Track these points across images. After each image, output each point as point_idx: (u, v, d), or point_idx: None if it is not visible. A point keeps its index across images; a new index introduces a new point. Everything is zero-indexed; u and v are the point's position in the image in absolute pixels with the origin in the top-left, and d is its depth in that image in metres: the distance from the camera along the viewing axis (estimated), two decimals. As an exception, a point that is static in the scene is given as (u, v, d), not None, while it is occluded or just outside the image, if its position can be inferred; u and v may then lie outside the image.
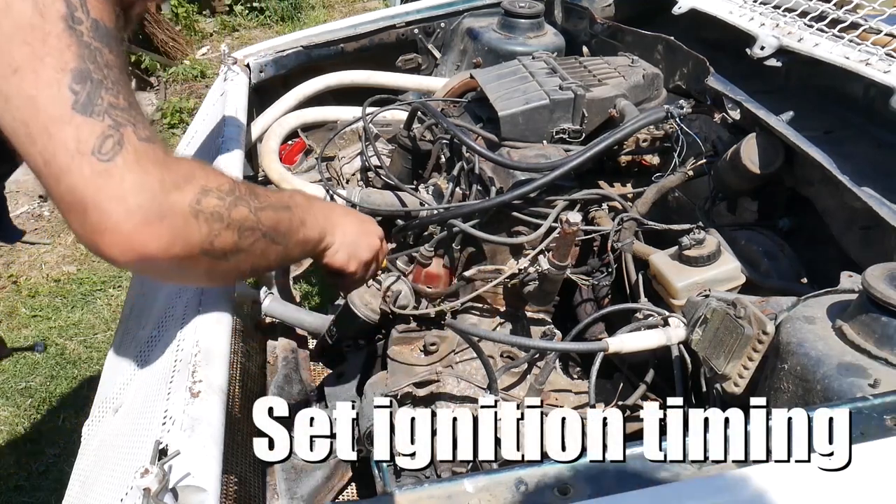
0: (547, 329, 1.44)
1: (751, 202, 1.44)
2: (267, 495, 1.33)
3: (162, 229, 0.82)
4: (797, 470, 0.73)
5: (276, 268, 1.07)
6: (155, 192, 0.82)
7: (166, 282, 0.93)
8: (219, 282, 1.02)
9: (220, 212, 0.89)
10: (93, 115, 0.80)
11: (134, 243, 0.81)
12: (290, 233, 1.04)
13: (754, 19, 1.54)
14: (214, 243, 0.89)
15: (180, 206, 0.85)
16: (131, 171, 0.81)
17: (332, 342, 1.59)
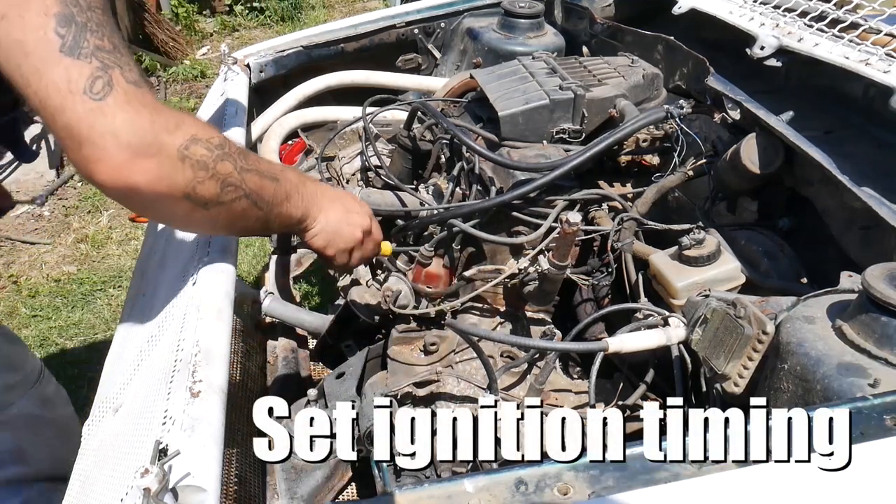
0: (547, 329, 1.44)
1: (751, 202, 1.44)
2: (267, 495, 1.33)
3: (149, 165, 0.88)
4: (797, 470, 0.73)
5: (257, 234, 1.10)
6: (146, 130, 0.87)
7: (148, 217, 0.98)
8: (197, 228, 1.06)
9: (206, 161, 0.94)
10: (80, 56, 0.84)
11: (123, 174, 0.87)
12: (273, 202, 1.07)
13: (754, 19, 1.54)
14: (197, 189, 0.94)
15: (169, 148, 0.90)
16: (122, 111, 0.86)
17: (332, 342, 1.59)
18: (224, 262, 1.16)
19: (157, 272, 1.40)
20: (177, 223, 1.03)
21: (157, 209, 0.96)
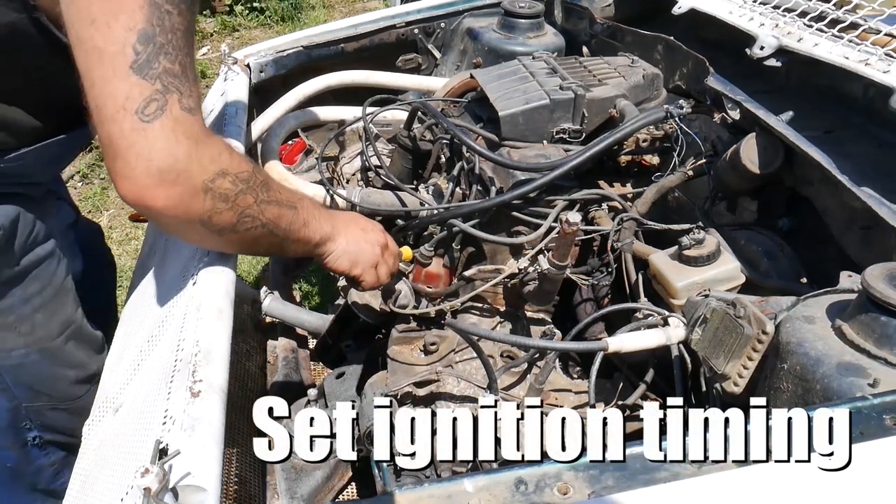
0: (547, 329, 1.44)
1: (750, 202, 1.44)
2: (267, 495, 1.34)
3: (171, 192, 0.92)
4: (797, 470, 0.73)
5: (271, 255, 1.14)
6: (178, 160, 0.92)
7: (163, 228, 1.04)
8: (208, 247, 1.11)
9: (228, 195, 0.98)
10: (146, 77, 0.89)
11: (144, 196, 0.92)
12: (290, 229, 1.11)
13: (754, 19, 1.54)
14: (213, 218, 0.98)
15: (195, 181, 0.94)
16: (164, 137, 0.90)
17: (332, 342, 1.59)
18: (224, 262, 1.16)
19: (157, 272, 1.40)
20: (189, 242, 1.08)
21: (170, 228, 1.01)
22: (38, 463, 1.43)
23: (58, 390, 1.38)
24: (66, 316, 1.36)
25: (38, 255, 1.30)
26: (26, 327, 1.29)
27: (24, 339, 1.30)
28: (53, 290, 1.33)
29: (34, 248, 1.29)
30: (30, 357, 1.31)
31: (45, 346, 1.33)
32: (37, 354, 1.32)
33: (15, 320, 1.28)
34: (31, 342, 1.31)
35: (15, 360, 1.30)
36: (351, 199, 1.54)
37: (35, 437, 1.40)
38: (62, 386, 1.38)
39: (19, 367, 1.31)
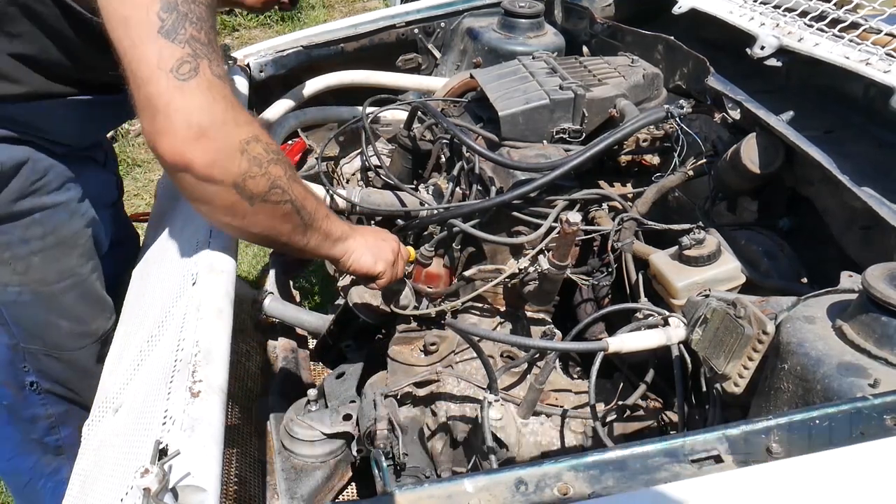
0: (547, 329, 1.44)
1: (751, 202, 1.44)
2: (267, 495, 1.34)
3: (209, 147, 0.95)
4: (797, 470, 0.73)
5: (294, 249, 1.15)
6: (216, 117, 0.96)
7: (193, 202, 1.03)
8: (236, 224, 1.07)
9: (261, 160, 1.01)
10: (175, 41, 0.93)
11: (185, 151, 0.95)
12: (314, 215, 1.13)
13: (754, 19, 1.54)
14: (247, 182, 1.00)
15: (232, 139, 0.98)
16: (201, 95, 0.95)
17: (332, 342, 1.59)
18: (224, 261, 1.16)
19: (157, 272, 1.40)
20: (219, 215, 1.06)
21: (205, 193, 1.00)
22: (34, 410, 1.45)
23: (50, 337, 1.39)
24: (67, 267, 1.37)
25: (43, 201, 1.31)
26: (21, 266, 1.31)
27: (18, 278, 1.31)
28: (56, 240, 1.34)
29: (41, 194, 1.30)
30: (23, 297, 1.33)
31: (39, 290, 1.34)
32: (30, 295, 1.34)
33: (10, 257, 1.29)
34: (26, 282, 1.32)
35: (10, 296, 1.32)
36: (351, 199, 1.54)
37: (33, 383, 1.42)
38: (55, 333, 1.39)
39: (15, 304, 1.33)
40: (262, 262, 3.40)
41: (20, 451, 1.49)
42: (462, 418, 1.26)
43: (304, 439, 1.33)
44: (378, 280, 1.29)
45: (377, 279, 1.29)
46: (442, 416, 1.27)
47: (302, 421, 1.35)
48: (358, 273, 1.27)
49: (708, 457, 0.75)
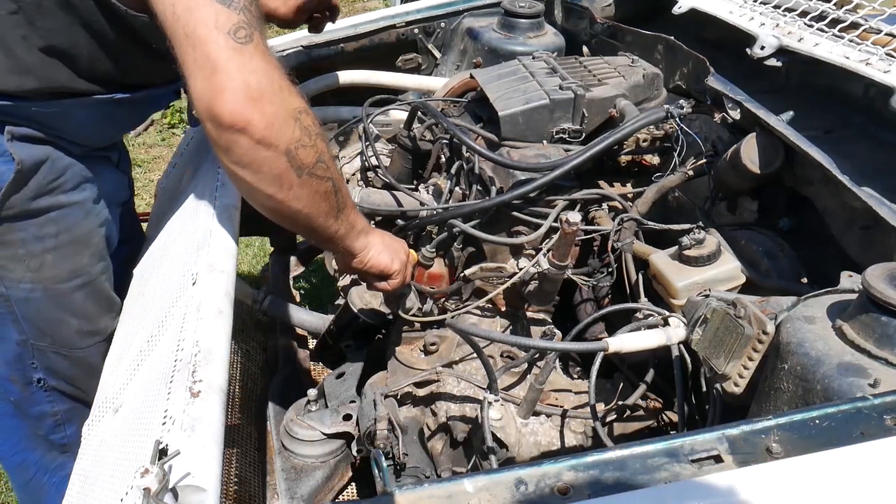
0: (547, 329, 1.44)
1: (751, 202, 1.44)
2: (267, 495, 1.34)
3: (267, 109, 0.98)
4: (797, 470, 0.73)
5: (320, 232, 1.16)
6: (273, 82, 0.99)
7: (242, 169, 1.03)
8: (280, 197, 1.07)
9: (311, 131, 1.04)
10: (230, 7, 0.96)
11: (243, 109, 0.96)
12: (346, 201, 1.15)
13: (754, 19, 1.54)
14: (298, 151, 1.03)
15: (288, 105, 1.01)
16: (260, 59, 0.98)
17: (332, 342, 1.59)
18: (224, 261, 1.16)
19: (157, 272, 1.40)
20: (266, 185, 1.05)
21: (257, 158, 1.01)
22: (41, 407, 1.46)
23: (60, 334, 1.40)
24: (78, 265, 1.38)
25: (60, 200, 1.32)
26: (35, 263, 1.32)
27: (31, 275, 1.32)
28: (69, 238, 1.35)
29: (58, 193, 1.31)
30: (35, 293, 1.34)
31: (50, 287, 1.35)
32: (41, 292, 1.35)
33: (25, 254, 1.30)
34: (38, 279, 1.33)
35: (22, 292, 1.33)
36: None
37: (40, 380, 1.43)
38: (64, 331, 1.40)
39: (26, 301, 1.34)
40: (262, 262, 3.40)
41: (26, 446, 1.51)
42: (462, 418, 1.26)
43: (304, 439, 1.33)
44: (391, 280, 1.29)
45: (391, 278, 1.29)
46: (442, 416, 1.27)
47: (302, 421, 1.35)
48: (373, 270, 1.27)
49: (708, 457, 0.75)
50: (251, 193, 1.08)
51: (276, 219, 1.14)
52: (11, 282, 1.31)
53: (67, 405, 1.47)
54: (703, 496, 0.71)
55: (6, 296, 1.32)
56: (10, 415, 1.46)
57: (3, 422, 1.48)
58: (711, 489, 0.71)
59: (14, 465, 1.55)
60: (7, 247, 1.29)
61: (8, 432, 1.50)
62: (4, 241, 1.28)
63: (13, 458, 1.52)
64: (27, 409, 1.46)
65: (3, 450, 1.52)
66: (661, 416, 1.27)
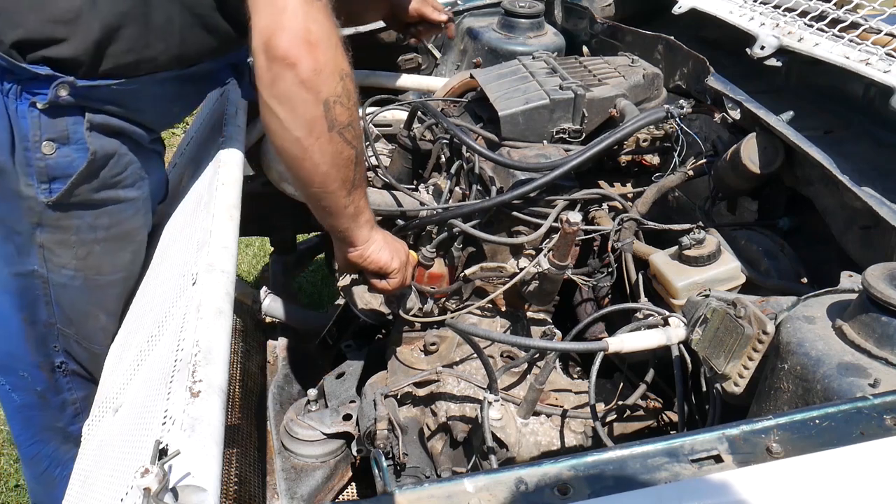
0: (547, 329, 1.44)
1: (751, 202, 1.44)
2: (267, 495, 1.34)
3: (319, 57, 1.06)
4: (797, 469, 0.73)
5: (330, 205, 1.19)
6: (332, 39, 1.07)
7: (281, 103, 1.09)
8: (306, 145, 1.11)
9: (351, 96, 1.11)
10: None
11: (298, 48, 1.04)
12: (361, 182, 1.19)
13: (754, 19, 1.54)
14: (335, 106, 1.09)
15: (338, 62, 1.09)
16: (325, 16, 1.07)
17: (332, 342, 1.59)
18: (224, 261, 1.16)
19: (156, 271, 1.40)
20: (295, 128, 1.10)
21: (297, 97, 1.07)
22: (63, 396, 1.48)
23: (86, 327, 1.42)
24: (121, 261, 1.40)
25: (118, 195, 1.34)
26: (82, 252, 1.34)
27: (76, 262, 1.34)
28: (119, 232, 1.37)
29: (117, 188, 1.33)
30: (75, 281, 1.36)
31: (90, 278, 1.37)
32: (81, 281, 1.36)
33: (76, 241, 1.33)
34: (81, 268, 1.35)
35: (63, 278, 1.35)
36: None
37: (61, 364, 1.45)
38: (91, 325, 1.42)
39: (64, 287, 1.36)
40: (262, 262, 3.41)
41: (41, 438, 1.52)
42: (462, 418, 1.26)
43: (304, 439, 1.33)
44: (390, 279, 1.29)
45: (389, 277, 1.29)
46: (442, 416, 1.27)
47: (302, 421, 1.35)
48: (372, 266, 1.27)
49: (708, 456, 0.75)
50: (281, 133, 1.11)
51: (295, 171, 1.16)
52: (55, 266, 1.33)
53: (84, 392, 1.49)
54: (703, 496, 0.71)
55: (45, 278, 1.34)
56: (32, 406, 1.48)
57: (24, 413, 1.50)
58: (712, 489, 0.71)
59: (28, 456, 1.57)
60: (61, 231, 1.31)
61: (27, 423, 1.52)
62: (60, 226, 1.30)
63: (29, 448, 1.54)
64: (51, 399, 1.47)
65: (21, 440, 1.55)
66: (661, 416, 1.27)
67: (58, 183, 1.26)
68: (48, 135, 1.23)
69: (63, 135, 1.24)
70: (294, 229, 2.25)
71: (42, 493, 1.60)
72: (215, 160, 1.45)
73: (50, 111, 1.21)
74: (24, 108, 1.21)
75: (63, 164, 1.25)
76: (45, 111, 1.21)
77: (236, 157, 1.48)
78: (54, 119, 1.22)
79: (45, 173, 1.24)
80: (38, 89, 1.20)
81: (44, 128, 1.22)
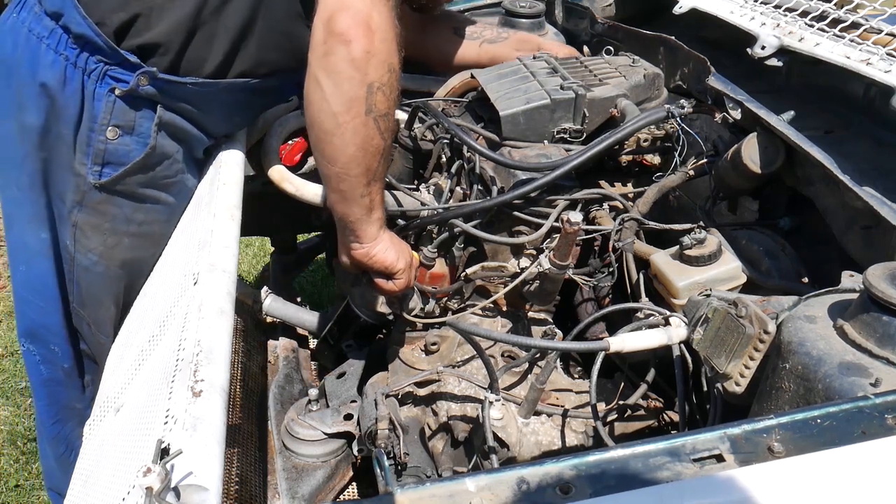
0: (548, 328, 1.44)
1: (752, 202, 1.44)
2: (268, 495, 1.33)
3: (375, 43, 1.10)
4: (799, 469, 0.73)
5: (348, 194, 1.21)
6: (388, 32, 1.12)
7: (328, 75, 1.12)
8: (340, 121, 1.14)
9: (393, 88, 1.14)
10: None
11: (357, 28, 1.08)
12: (381, 177, 1.21)
13: (755, 19, 1.54)
14: (378, 92, 1.12)
15: (390, 54, 1.13)
16: (390, 11, 1.11)
17: (332, 342, 1.59)
18: (225, 261, 1.16)
19: (157, 272, 1.40)
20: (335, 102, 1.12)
21: (344, 72, 1.10)
22: (85, 377, 1.51)
23: (97, 315, 1.44)
24: (141, 260, 1.42)
25: (160, 196, 1.37)
26: (112, 241, 1.37)
27: (102, 249, 1.37)
28: (150, 231, 1.40)
29: (162, 189, 1.37)
30: (98, 267, 1.39)
31: (112, 268, 1.40)
32: (103, 268, 1.39)
33: (109, 229, 1.36)
34: (107, 255, 1.38)
35: (87, 262, 1.38)
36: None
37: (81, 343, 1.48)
38: (102, 313, 1.44)
39: (86, 270, 1.38)
40: (263, 262, 3.41)
41: (62, 417, 1.55)
42: (463, 418, 1.26)
43: (305, 439, 1.33)
44: (396, 279, 1.30)
45: (395, 277, 1.29)
46: (443, 416, 1.27)
47: (303, 421, 1.35)
48: (378, 266, 1.27)
49: (710, 456, 0.75)
50: (320, 105, 1.14)
51: (323, 146, 1.18)
52: (83, 248, 1.36)
53: (91, 377, 1.51)
54: (704, 495, 0.71)
55: (73, 257, 1.37)
56: (57, 381, 1.51)
57: (50, 388, 1.52)
58: (713, 488, 0.72)
59: (50, 436, 1.59)
60: (98, 216, 1.34)
61: (52, 399, 1.54)
62: (99, 210, 1.33)
63: (52, 427, 1.57)
64: (74, 378, 1.50)
65: (44, 417, 1.57)
66: (663, 415, 1.27)
67: (109, 168, 1.29)
68: (116, 121, 1.26)
69: (130, 124, 1.27)
70: (294, 229, 2.25)
71: (61, 477, 1.62)
72: (216, 160, 1.46)
73: (126, 99, 1.25)
74: (101, 91, 1.24)
75: (121, 152, 1.28)
76: (122, 97, 1.25)
77: (237, 157, 1.48)
78: (126, 107, 1.26)
79: (101, 156, 1.28)
80: (122, 75, 1.24)
81: (115, 113, 1.26)
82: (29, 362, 1.52)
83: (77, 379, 1.50)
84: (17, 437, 2.63)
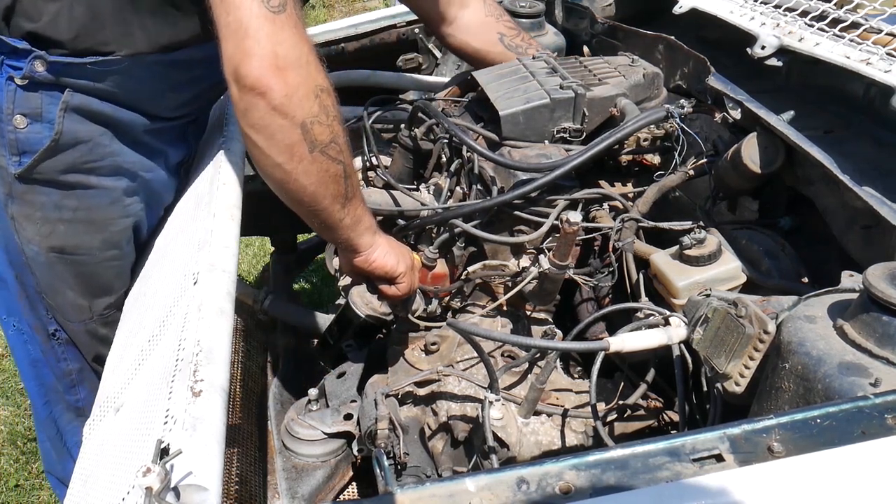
0: (548, 328, 1.44)
1: (751, 201, 1.44)
2: (268, 495, 1.34)
3: (290, 80, 1.02)
4: (799, 469, 0.73)
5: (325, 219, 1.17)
6: (301, 56, 1.03)
7: (257, 133, 1.06)
8: (288, 168, 1.09)
9: (329, 111, 1.07)
10: None
11: (266, 75, 1.01)
12: (354, 192, 1.16)
13: (755, 19, 1.54)
14: (314, 127, 1.06)
15: (312, 80, 1.04)
16: (291, 29, 1.02)
17: (332, 342, 1.59)
18: (225, 261, 1.16)
19: (157, 271, 1.40)
20: (276, 153, 1.08)
21: (271, 125, 1.04)
22: (60, 364, 1.51)
23: (58, 301, 1.44)
24: (84, 245, 1.41)
25: (89, 181, 1.35)
26: (45, 229, 1.36)
27: (39, 239, 1.36)
28: (86, 217, 1.38)
29: (89, 174, 1.34)
30: (39, 257, 1.39)
31: (51, 256, 1.39)
32: (44, 258, 1.39)
33: (40, 217, 1.35)
34: (44, 245, 1.37)
35: (31, 252, 1.38)
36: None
37: (55, 332, 1.47)
38: (61, 300, 1.44)
39: (33, 260, 1.39)
40: (262, 262, 3.41)
41: (51, 399, 1.55)
42: (463, 418, 1.26)
43: (304, 439, 1.33)
44: (398, 283, 1.29)
45: (397, 281, 1.28)
46: (443, 416, 1.27)
47: (303, 420, 1.35)
48: (378, 271, 1.26)
49: (709, 456, 0.75)
50: (262, 160, 1.10)
51: (282, 193, 1.15)
52: (24, 239, 1.36)
53: (78, 364, 1.51)
54: (704, 495, 0.71)
55: (22, 249, 1.37)
56: (42, 363, 1.51)
57: (38, 369, 1.53)
58: (713, 488, 0.72)
59: (42, 417, 1.59)
60: (26, 206, 1.33)
61: (40, 380, 1.54)
62: (26, 201, 1.32)
63: (43, 408, 1.57)
64: (52, 364, 1.50)
65: (35, 399, 1.57)
66: (662, 415, 1.27)
67: (26, 157, 1.28)
68: (21, 109, 1.24)
69: (37, 111, 1.25)
70: (294, 229, 2.25)
71: (56, 460, 1.62)
72: (216, 160, 1.45)
73: (27, 86, 1.23)
74: (1, 81, 1.23)
75: (33, 140, 1.27)
76: (23, 86, 1.23)
77: (237, 156, 1.48)
78: (29, 94, 1.24)
79: (15, 146, 1.26)
80: (16, 63, 1.22)
81: (17, 102, 1.24)
82: (16, 343, 1.52)
83: (55, 364, 1.50)
84: (17, 437, 2.63)
